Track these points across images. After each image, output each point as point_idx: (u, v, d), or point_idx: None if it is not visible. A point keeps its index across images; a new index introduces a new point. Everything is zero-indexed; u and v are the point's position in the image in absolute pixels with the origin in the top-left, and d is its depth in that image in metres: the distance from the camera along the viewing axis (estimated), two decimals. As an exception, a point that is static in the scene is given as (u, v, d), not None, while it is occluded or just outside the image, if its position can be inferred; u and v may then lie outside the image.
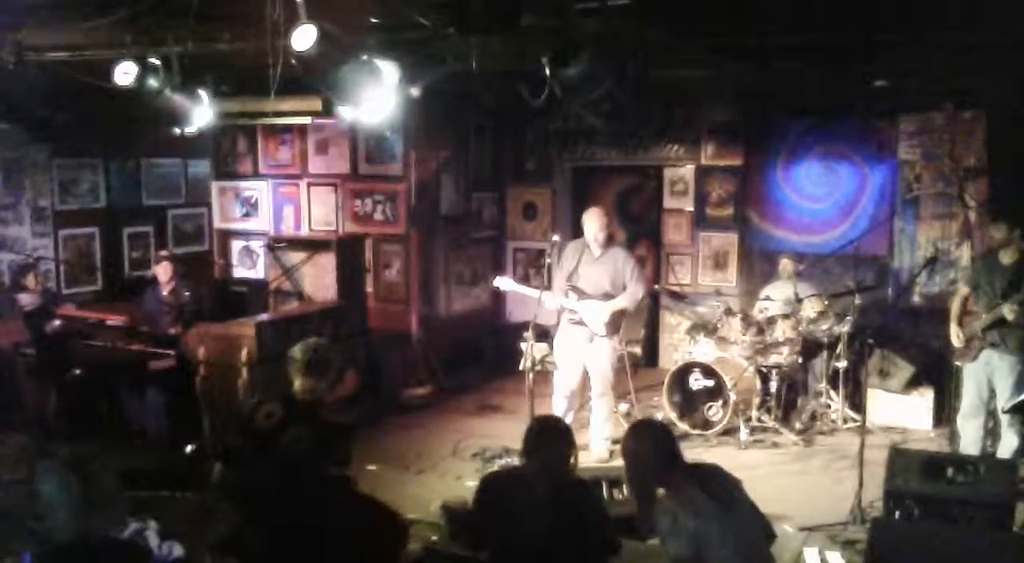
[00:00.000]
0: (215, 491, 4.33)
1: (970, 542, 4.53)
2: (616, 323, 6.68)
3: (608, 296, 6.60)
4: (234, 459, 4.20)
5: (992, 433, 6.37)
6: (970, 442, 6.30)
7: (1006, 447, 6.13)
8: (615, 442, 6.65)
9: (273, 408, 4.10)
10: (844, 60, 6.64)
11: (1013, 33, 5.35)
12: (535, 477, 3.73)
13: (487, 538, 3.83)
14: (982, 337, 6.12)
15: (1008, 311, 5.91)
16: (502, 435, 7.16)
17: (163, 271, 7.80)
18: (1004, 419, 6.10)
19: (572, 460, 3.92)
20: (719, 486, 3.58)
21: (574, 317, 6.66)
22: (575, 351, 6.69)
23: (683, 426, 7.35)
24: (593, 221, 6.64)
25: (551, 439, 3.82)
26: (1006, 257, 6.12)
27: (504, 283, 7.14)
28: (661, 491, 3.54)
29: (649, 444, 3.63)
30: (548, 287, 6.66)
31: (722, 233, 9.42)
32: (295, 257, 8.46)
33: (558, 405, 6.78)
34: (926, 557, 4.34)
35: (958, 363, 6.41)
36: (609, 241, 6.80)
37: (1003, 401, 6.07)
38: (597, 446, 6.84)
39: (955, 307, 6.42)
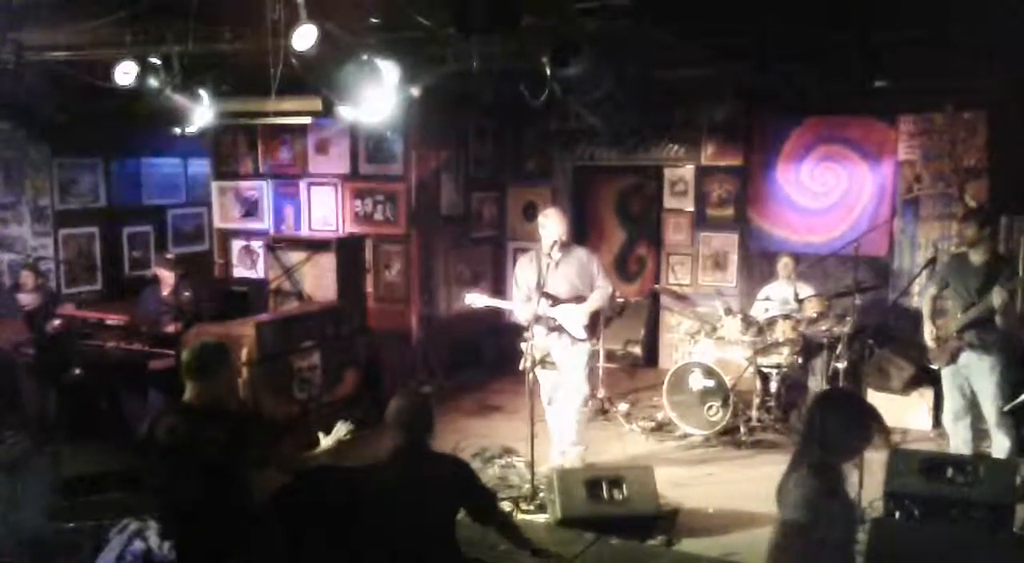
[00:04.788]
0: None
1: (970, 542, 4.52)
2: (594, 324, 6.50)
3: (580, 297, 6.32)
4: (154, 481, 4.03)
5: (982, 434, 6.28)
6: (961, 443, 6.19)
7: (998, 448, 6.06)
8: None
9: (173, 421, 3.91)
10: (844, 60, 6.64)
11: (1013, 33, 5.36)
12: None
13: None
14: (958, 338, 5.97)
15: (996, 296, 5.68)
16: (502, 435, 7.16)
17: (168, 276, 7.81)
18: (991, 420, 6.00)
19: None
20: None
21: (552, 324, 6.34)
22: (555, 357, 6.35)
23: (683, 426, 7.35)
24: (555, 224, 6.38)
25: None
26: (977, 257, 5.95)
27: (476, 300, 6.82)
28: None
29: None
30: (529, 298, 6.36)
31: (722, 233, 9.41)
32: (295, 257, 8.45)
33: (547, 409, 6.51)
34: (926, 557, 4.34)
35: (934, 366, 6.30)
36: (566, 242, 6.43)
37: (986, 402, 5.96)
38: (568, 452, 6.40)
39: (927, 307, 6.30)
